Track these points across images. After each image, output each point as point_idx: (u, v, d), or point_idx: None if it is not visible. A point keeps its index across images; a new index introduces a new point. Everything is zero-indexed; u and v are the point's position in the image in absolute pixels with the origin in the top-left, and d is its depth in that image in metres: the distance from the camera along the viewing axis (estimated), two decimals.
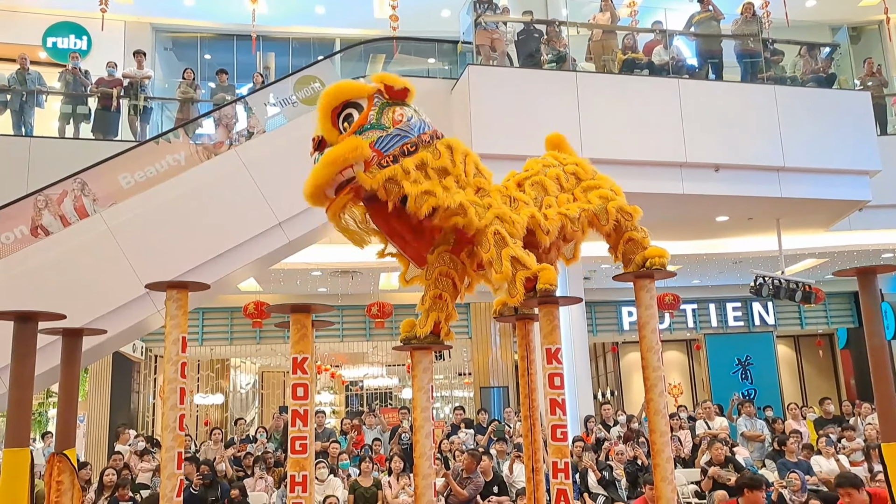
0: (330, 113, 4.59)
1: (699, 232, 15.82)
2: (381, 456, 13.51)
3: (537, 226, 4.88)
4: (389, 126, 4.56)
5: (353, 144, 4.41)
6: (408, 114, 4.65)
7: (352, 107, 4.61)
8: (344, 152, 4.39)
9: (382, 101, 4.63)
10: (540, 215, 4.92)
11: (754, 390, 22.42)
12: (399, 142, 4.54)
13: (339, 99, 4.61)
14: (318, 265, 16.18)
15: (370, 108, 4.58)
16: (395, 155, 4.50)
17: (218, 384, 23.55)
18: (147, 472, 12.38)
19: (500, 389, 20.15)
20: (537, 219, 4.89)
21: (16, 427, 4.87)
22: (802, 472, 11.27)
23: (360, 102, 4.61)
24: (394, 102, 4.66)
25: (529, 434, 5.54)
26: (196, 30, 21.29)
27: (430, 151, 4.62)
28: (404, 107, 4.68)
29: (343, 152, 4.39)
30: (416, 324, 4.96)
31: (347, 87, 4.68)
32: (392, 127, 4.56)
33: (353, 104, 4.61)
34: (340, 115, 4.61)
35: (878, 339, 4.79)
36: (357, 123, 4.54)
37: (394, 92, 4.67)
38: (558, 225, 5.00)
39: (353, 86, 4.70)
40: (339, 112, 4.62)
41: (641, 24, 17.72)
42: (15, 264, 10.96)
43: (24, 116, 15.27)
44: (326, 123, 4.59)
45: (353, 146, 4.40)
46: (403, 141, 4.55)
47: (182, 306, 4.95)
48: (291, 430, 4.60)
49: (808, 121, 13.54)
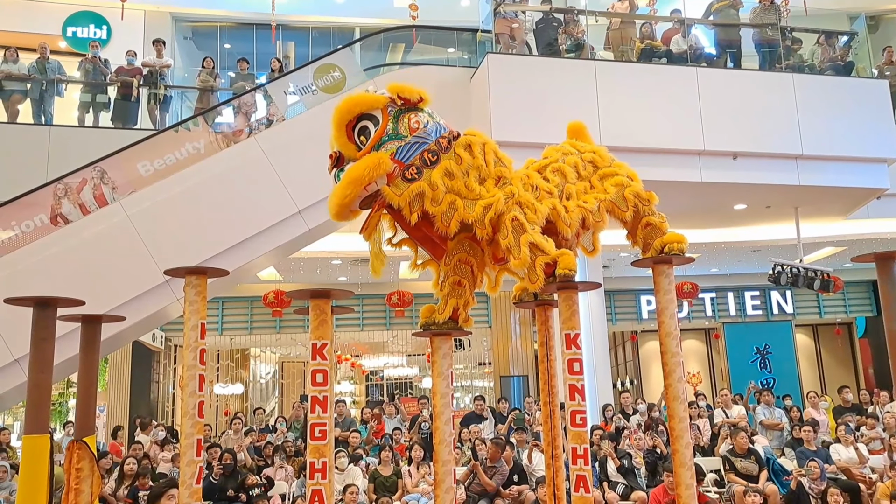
0: (345, 127, 4.58)
1: (717, 220, 15.76)
2: (401, 445, 13.51)
3: (558, 217, 4.89)
4: (407, 134, 4.56)
5: (375, 161, 4.41)
6: (423, 119, 4.65)
7: (366, 119, 4.59)
8: (367, 169, 4.39)
9: (396, 109, 4.62)
10: (561, 207, 4.94)
11: (773, 379, 22.37)
12: (418, 149, 4.55)
13: (353, 112, 4.60)
14: (337, 254, 16.19)
15: (386, 120, 4.57)
16: (416, 165, 4.51)
17: (238, 374, 23.60)
18: (167, 462, 12.42)
19: (519, 378, 20.15)
20: (559, 210, 4.91)
21: (35, 412, 4.91)
22: (822, 461, 11.24)
23: (375, 114, 4.59)
24: (408, 108, 4.65)
25: (549, 420, 5.55)
26: (216, 19, 21.31)
27: (451, 158, 4.63)
28: (419, 112, 4.68)
29: (366, 169, 4.39)
30: (435, 309, 4.97)
31: (360, 99, 4.65)
32: (409, 135, 4.56)
33: (367, 116, 4.59)
34: (355, 128, 4.60)
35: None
36: (376, 137, 4.53)
37: (409, 102, 4.66)
38: (579, 217, 5.02)
39: (366, 98, 4.67)
40: (354, 125, 4.61)
41: (660, 13, 17.65)
42: (34, 252, 11.01)
43: (44, 105, 15.31)
44: (342, 138, 4.59)
45: (376, 163, 4.41)
46: (422, 148, 4.57)
47: (201, 293, 4.98)
48: (311, 417, 4.60)
49: (826, 109, 13.48)
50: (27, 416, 4.94)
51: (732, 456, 11.61)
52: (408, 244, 5.02)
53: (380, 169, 4.39)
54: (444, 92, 4.41)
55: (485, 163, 4.76)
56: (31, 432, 4.86)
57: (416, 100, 4.66)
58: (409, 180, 4.48)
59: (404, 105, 4.64)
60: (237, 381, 23.45)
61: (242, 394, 24.24)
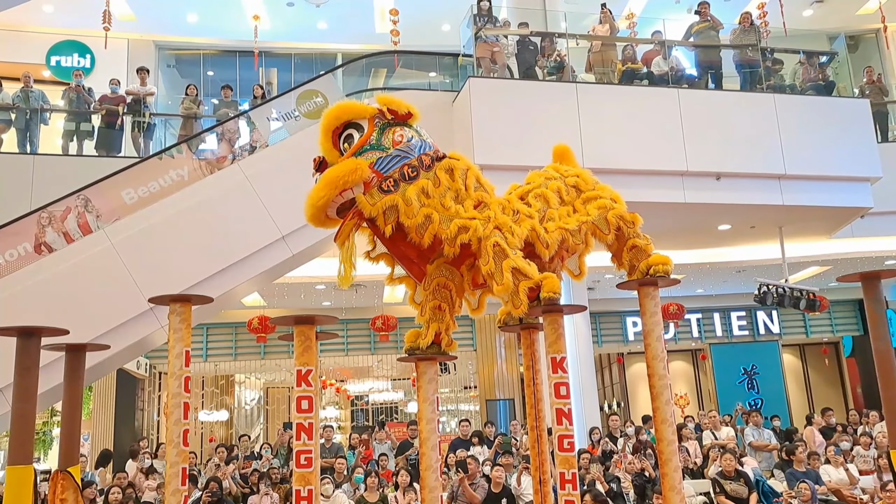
0: (331, 133, 4.61)
1: (702, 241, 15.81)
2: (388, 471, 13.46)
3: (536, 238, 4.88)
4: (389, 147, 4.57)
5: (353, 166, 4.42)
6: (408, 134, 4.65)
7: (353, 127, 4.62)
8: (343, 173, 4.40)
9: (383, 122, 4.64)
10: (540, 228, 4.92)
11: (761, 400, 22.39)
12: (398, 163, 4.55)
13: (341, 119, 4.62)
14: (321, 279, 16.14)
15: (371, 130, 4.59)
16: (394, 178, 4.51)
17: (222, 400, 23.53)
18: (152, 490, 12.34)
19: (506, 402, 20.12)
20: (537, 231, 4.89)
21: (19, 442, 4.86)
22: (812, 482, 11.22)
23: (362, 123, 4.61)
24: (395, 123, 4.66)
25: (536, 445, 5.53)
26: (199, 46, 21.38)
27: (430, 178, 4.63)
28: (405, 127, 4.69)
29: (342, 173, 4.40)
30: (419, 334, 4.95)
31: (349, 107, 4.69)
32: (392, 148, 4.57)
33: (354, 125, 4.62)
34: (341, 136, 4.63)
35: (884, 343, 4.78)
36: (358, 144, 4.55)
37: (398, 115, 4.67)
38: (558, 238, 4.99)
39: (355, 106, 4.70)
40: (341, 132, 4.63)
41: (640, 35, 17.77)
42: (18, 281, 10.95)
43: (28, 134, 15.30)
44: (327, 143, 4.61)
45: (353, 168, 4.42)
46: (403, 162, 4.56)
47: (185, 320, 4.96)
48: (296, 444, 4.58)
49: (809, 128, 13.54)
50: (11, 447, 4.89)
51: (722, 478, 11.58)
52: (385, 259, 5.03)
53: (356, 175, 4.40)
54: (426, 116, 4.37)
55: (464, 187, 4.76)
56: (15, 463, 4.81)
57: (404, 114, 4.68)
58: (385, 192, 4.48)
59: (393, 119, 4.66)
60: (222, 408, 23.39)
61: (227, 420, 24.13)
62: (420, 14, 19.10)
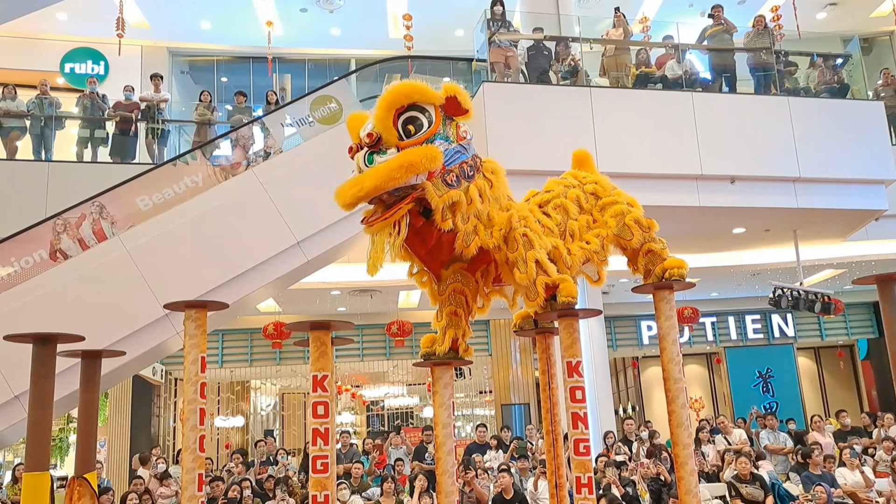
0: (393, 111, 4.27)
1: (716, 244, 15.77)
2: (403, 476, 13.45)
3: (559, 258, 4.77)
4: (454, 140, 4.40)
5: (432, 153, 4.18)
6: (470, 131, 4.52)
7: (417, 110, 4.30)
8: (422, 158, 4.13)
9: (444, 114, 4.41)
10: (563, 248, 4.83)
11: (776, 403, 22.33)
12: (460, 158, 4.39)
13: (411, 99, 4.29)
14: (336, 284, 16.16)
15: (439, 118, 4.34)
16: (455, 173, 4.34)
17: (238, 406, 23.55)
18: (167, 497, 12.35)
19: (521, 406, 20.11)
20: (560, 251, 4.80)
21: (36, 449, 4.87)
22: (828, 485, 11.18)
23: (428, 108, 4.32)
24: (455, 116, 4.47)
25: (552, 449, 5.51)
26: (212, 53, 21.44)
27: (483, 180, 4.53)
28: (465, 123, 4.53)
29: (420, 158, 4.12)
30: (435, 340, 4.90)
31: (419, 88, 4.32)
32: (456, 142, 4.41)
33: (419, 108, 4.31)
34: (401, 116, 4.31)
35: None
36: (431, 131, 4.29)
37: (456, 109, 4.44)
38: (581, 261, 4.94)
39: (425, 89, 4.35)
40: (401, 112, 4.31)
41: (654, 39, 17.73)
42: (34, 288, 10.99)
43: (43, 141, 15.37)
44: (387, 121, 4.25)
45: (432, 155, 4.17)
46: (463, 158, 4.41)
47: (201, 326, 4.96)
48: (312, 449, 4.56)
49: (823, 131, 13.50)
50: (27, 454, 4.90)
51: (737, 482, 11.55)
52: (416, 277, 4.92)
53: (434, 163, 4.17)
54: None
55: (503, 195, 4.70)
56: (32, 469, 4.83)
57: (465, 109, 4.46)
58: (449, 185, 4.30)
59: (455, 110, 4.44)
60: (238, 414, 23.39)
61: (243, 426, 24.16)
62: (433, 19, 19.14)
